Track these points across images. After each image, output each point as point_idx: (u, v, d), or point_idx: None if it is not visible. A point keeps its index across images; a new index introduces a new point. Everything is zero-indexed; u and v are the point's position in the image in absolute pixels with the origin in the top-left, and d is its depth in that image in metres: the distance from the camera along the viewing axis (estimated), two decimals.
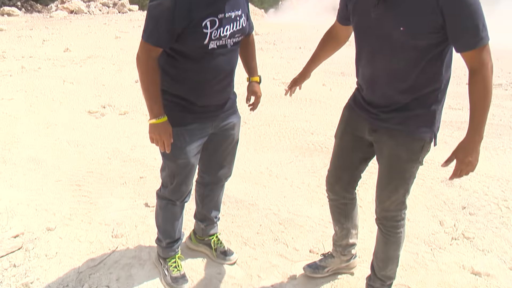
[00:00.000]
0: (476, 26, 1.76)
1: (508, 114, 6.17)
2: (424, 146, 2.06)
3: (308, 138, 5.00)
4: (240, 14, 2.22)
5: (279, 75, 8.44)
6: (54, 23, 18.03)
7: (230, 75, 2.33)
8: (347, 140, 2.33)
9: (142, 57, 2.11)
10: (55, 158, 4.44)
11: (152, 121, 2.16)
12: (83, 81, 7.69)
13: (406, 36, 1.85)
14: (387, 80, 2.00)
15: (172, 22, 2.02)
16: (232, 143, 2.56)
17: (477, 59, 1.82)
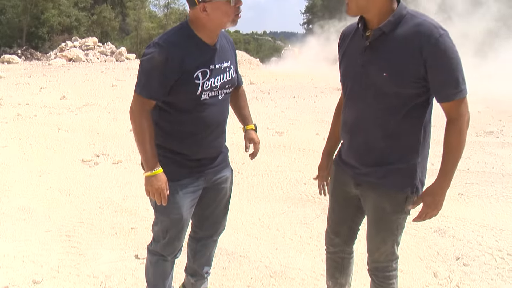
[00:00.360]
0: (456, 79, 1.85)
1: (500, 162, 6.24)
2: (408, 197, 2.07)
3: (301, 188, 5.01)
4: (229, 65, 2.30)
5: (273, 124, 8.55)
6: (52, 71, 18.34)
7: (223, 126, 2.37)
8: (338, 196, 2.35)
9: (135, 110, 2.14)
10: (46, 207, 4.41)
11: (148, 173, 2.16)
12: (78, 129, 7.75)
13: (389, 83, 1.91)
14: (369, 126, 2.03)
15: (165, 74, 2.08)
16: (225, 197, 2.55)
17: (455, 110, 1.90)
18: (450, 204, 4.57)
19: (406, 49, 1.87)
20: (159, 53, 2.08)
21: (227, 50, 2.31)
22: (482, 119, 9.52)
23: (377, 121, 2.01)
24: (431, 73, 1.85)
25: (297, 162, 6.07)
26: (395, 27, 1.90)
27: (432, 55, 1.82)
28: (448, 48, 1.83)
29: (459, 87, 1.86)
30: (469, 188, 5.09)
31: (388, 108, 1.97)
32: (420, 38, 1.84)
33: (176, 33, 2.18)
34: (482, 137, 7.93)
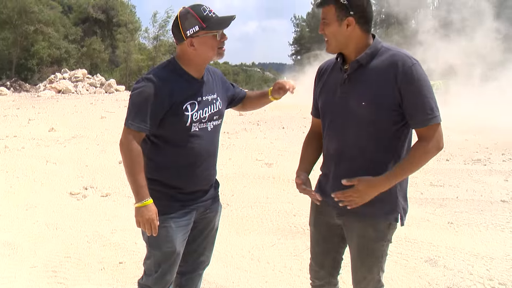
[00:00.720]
0: (430, 105, 1.96)
1: (488, 190, 6.29)
2: (391, 224, 2.12)
3: (291, 220, 5.00)
4: (215, 97, 2.37)
5: (262, 155, 8.57)
6: (41, 103, 18.33)
7: (213, 157, 2.42)
8: (320, 227, 2.36)
9: (125, 143, 2.18)
10: (32, 242, 4.33)
11: (138, 204, 2.18)
12: (66, 162, 7.71)
13: (368, 111, 2.01)
14: (352, 155, 2.09)
15: (155, 107, 2.15)
16: (213, 231, 2.56)
17: (429, 136, 1.99)
18: (440, 233, 4.58)
19: (382, 78, 2.00)
20: (148, 87, 2.17)
21: (212, 83, 2.39)
22: (470, 147, 9.66)
23: (360, 149, 2.08)
24: (406, 100, 1.96)
25: (287, 193, 6.06)
26: (371, 59, 2.05)
27: (406, 82, 1.95)
28: (421, 76, 1.96)
29: (432, 113, 1.96)
30: (459, 217, 5.11)
31: (369, 136, 2.05)
32: (395, 67, 1.98)
33: (164, 68, 2.28)
34: (470, 165, 8.02)
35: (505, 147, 9.62)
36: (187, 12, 2.18)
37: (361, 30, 2.06)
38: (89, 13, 36.90)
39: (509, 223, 4.91)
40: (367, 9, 2.05)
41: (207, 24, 2.16)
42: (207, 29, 2.17)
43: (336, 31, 2.06)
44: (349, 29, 2.04)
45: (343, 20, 2.03)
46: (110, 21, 37.36)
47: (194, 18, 2.16)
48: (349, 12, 2.02)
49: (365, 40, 2.08)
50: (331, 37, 2.09)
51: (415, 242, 4.27)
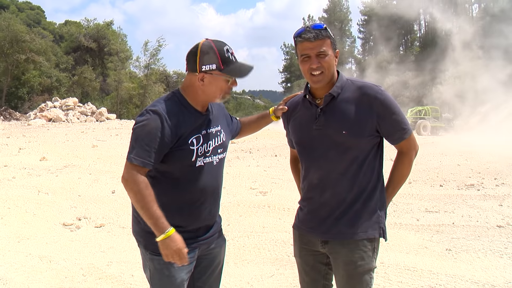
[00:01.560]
0: (403, 121, 2.21)
1: (484, 215, 6.30)
2: (375, 247, 2.22)
3: (289, 249, 4.93)
4: (219, 129, 2.31)
5: (256, 183, 8.54)
6: (32, 131, 18.22)
7: (217, 192, 2.33)
8: (306, 257, 2.35)
9: (129, 178, 2.07)
10: (25, 276, 4.21)
11: (161, 237, 2.05)
12: (58, 192, 7.61)
13: (349, 138, 2.15)
14: (336, 180, 2.19)
15: (160, 140, 2.06)
16: (218, 267, 2.45)
17: (407, 146, 2.25)
18: (438, 261, 4.55)
19: (358, 107, 2.16)
20: (153, 119, 2.08)
21: (215, 115, 2.34)
22: (462, 172, 9.72)
23: (343, 174, 2.18)
24: (383, 123, 2.17)
25: (283, 222, 6.02)
26: (341, 92, 2.20)
27: (381, 107, 2.15)
28: (390, 99, 2.19)
29: (406, 128, 2.21)
30: (456, 243, 5.10)
31: (351, 160, 2.17)
32: (368, 97, 2.16)
33: (168, 100, 2.19)
34: (463, 190, 8.06)
35: (497, 172, 9.71)
36: (210, 47, 2.12)
37: (336, 62, 2.23)
38: (80, 42, 37.24)
39: (507, 248, 4.90)
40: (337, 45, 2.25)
41: (225, 66, 2.12)
42: (223, 72, 2.12)
43: (332, 63, 2.18)
44: (336, 61, 2.22)
45: (334, 52, 2.20)
46: (101, 49, 37.69)
47: (215, 56, 2.11)
48: (335, 46, 2.21)
49: (335, 74, 2.25)
50: (329, 69, 2.16)
51: (414, 270, 4.24)
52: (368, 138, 2.17)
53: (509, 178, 9.02)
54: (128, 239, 5.22)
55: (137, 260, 4.47)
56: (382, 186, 2.26)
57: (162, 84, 37.39)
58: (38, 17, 57.54)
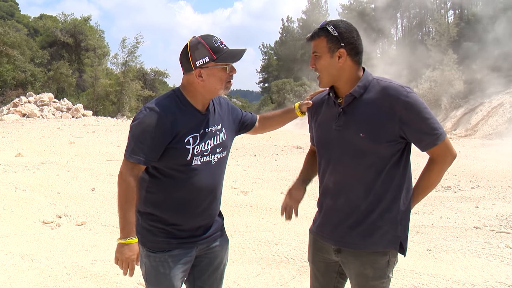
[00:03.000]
0: (432, 126, 2.01)
1: (461, 216, 6.47)
2: (389, 261, 2.09)
3: (273, 249, 4.97)
4: (220, 128, 2.28)
5: (237, 183, 8.55)
6: (5, 126, 17.77)
7: (216, 192, 2.30)
8: (318, 263, 2.32)
9: (124, 175, 2.09)
10: (6, 275, 4.10)
11: (121, 241, 2.09)
12: (36, 188, 7.46)
13: (367, 142, 2.01)
14: (351, 187, 2.08)
15: (156, 137, 2.06)
16: (220, 267, 2.42)
17: (439, 153, 2.06)
18: (420, 261, 4.66)
19: (379, 110, 2.01)
20: (149, 117, 2.08)
21: (218, 114, 2.31)
22: None
23: (359, 181, 2.07)
24: (408, 128, 1.99)
25: (266, 222, 6.05)
26: (364, 92, 2.07)
27: (405, 111, 1.98)
28: (417, 101, 2.00)
29: (437, 133, 2.01)
30: (436, 244, 5.22)
31: (368, 166, 2.05)
32: (391, 99, 2.00)
33: (167, 98, 2.18)
34: (441, 192, 8.23)
35: (472, 174, 9.95)
36: (197, 42, 2.11)
37: (352, 61, 2.07)
38: (56, 37, 36.50)
39: (484, 249, 5.04)
40: (357, 41, 2.07)
41: (218, 56, 2.10)
42: (217, 61, 2.10)
43: (328, 63, 2.06)
44: (341, 61, 2.05)
45: (334, 52, 2.04)
46: (78, 45, 37.04)
47: (205, 48, 2.10)
48: (340, 43, 2.03)
49: (355, 72, 2.09)
50: (323, 70, 2.09)
51: (397, 269, 4.31)
52: (389, 144, 2.02)
53: (484, 181, 9.27)
54: (111, 237, 5.16)
55: None
56: (406, 197, 2.10)
57: (140, 81, 36.97)
58: (11, 9, 56.15)
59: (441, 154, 2.06)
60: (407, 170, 2.10)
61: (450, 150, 2.07)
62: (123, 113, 33.12)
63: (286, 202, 2.37)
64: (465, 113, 27.37)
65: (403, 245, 2.10)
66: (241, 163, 11.27)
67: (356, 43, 2.07)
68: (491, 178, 9.54)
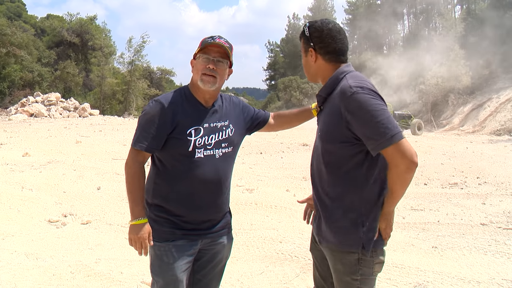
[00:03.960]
0: (377, 129, 1.90)
1: (468, 213, 6.41)
2: (360, 259, 2.05)
3: (277, 247, 4.96)
4: (227, 124, 2.36)
5: (242, 181, 8.54)
6: (13, 126, 17.90)
7: (222, 186, 2.34)
8: (315, 252, 2.36)
9: (129, 162, 2.26)
10: (11, 274, 4.13)
11: (133, 222, 2.22)
12: (43, 188, 7.50)
13: (323, 141, 2.10)
14: (317, 181, 2.17)
15: (158, 126, 2.21)
16: (220, 264, 2.49)
17: (389, 158, 1.95)
18: (425, 258, 4.62)
19: (332, 110, 2.05)
20: (153, 108, 2.25)
21: (226, 110, 2.40)
22: (446, 171, 9.87)
23: (320, 178, 2.14)
24: (354, 129, 1.96)
25: (270, 219, 6.04)
26: (332, 90, 2.10)
27: (349, 113, 1.96)
28: (361, 102, 1.93)
29: (383, 137, 1.90)
30: (442, 241, 5.18)
31: (326, 165, 2.10)
32: (339, 99, 2.01)
33: (174, 92, 2.34)
34: (447, 189, 8.18)
35: (479, 171, 9.88)
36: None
37: (324, 60, 2.13)
38: (63, 37, 36.68)
39: (491, 246, 5.00)
40: (327, 40, 2.10)
41: (201, 48, 2.27)
42: (199, 52, 2.27)
43: (305, 62, 2.20)
44: (312, 59, 2.14)
45: (307, 51, 2.16)
46: (84, 44, 37.20)
47: (199, 43, 2.29)
48: (310, 43, 2.13)
49: (331, 71, 2.13)
50: (304, 68, 2.24)
51: (402, 267, 4.30)
52: (342, 144, 2.01)
53: (491, 177, 9.19)
54: (115, 236, 5.18)
55: (126, 257, 4.46)
56: (373, 198, 2.05)
57: (146, 80, 37.09)
58: (19, 10, 56.48)
59: (391, 159, 1.94)
60: (373, 173, 2.03)
61: (402, 155, 1.91)
62: (130, 112, 33.26)
63: (308, 205, 2.46)
64: (473, 109, 27.19)
65: (365, 247, 2.04)
66: (247, 161, 11.26)
67: (325, 42, 2.11)
68: (498, 174, 9.47)
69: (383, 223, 2.08)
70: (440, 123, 28.60)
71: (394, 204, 2.06)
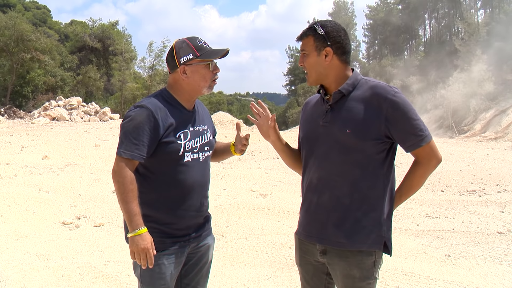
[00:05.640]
0: (417, 127, 2.03)
1: (484, 221, 6.26)
2: (375, 261, 2.08)
3: (286, 252, 4.93)
4: (206, 128, 2.38)
5: (257, 186, 8.52)
6: (35, 130, 18.25)
7: (205, 189, 2.38)
8: (306, 266, 2.28)
9: (117, 171, 2.13)
10: (22, 274, 4.21)
11: (132, 234, 2.10)
12: (59, 190, 7.62)
13: (352, 138, 2.03)
14: (335, 183, 2.09)
15: (147, 133, 2.12)
16: (206, 265, 2.49)
17: (423, 156, 2.07)
18: (437, 266, 4.53)
19: (366, 108, 2.05)
20: (140, 114, 2.15)
21: (202, 114, 2.41)
22: (464, 178, 9.67)
23: (343, 177, 2.08)
24: (393, 127, 2.02)
25: (282, 225, 6.00)
26: (352, 90, 2.11)
27: (391, 110, 2.01)
28: (404, 102, 2.03)
29: (422, 134, 2.03)
30: (456, 249, 5.07)
31: (352, 163, 2.06)
32: (378, 97, 2.04)
33: (156, 96, 2.27)
34: (465, 196, 8.02)
35: (499, 178, 9.65)
36: (182, 42, 2.25)
37: (339, 60, 2.12)
38: (85, 42, 37.32)
39: (507, 255, 4.87)
40: (344, 40, 2.11)
41: (201, 53, 2.21)
42: (200, 58, 2.20)
43: (315, 61, 2.12)
44: (327, 59, 2.10)
45: (321, 50, 2.10)
46: (106, 49, 37.77)
47: (189, 47, 2.22)
48: (327, 42, 2.09)
49: (344, 71, 2.14)
50: (310, 68, 2.14)
51: (412, 275, 4.22)
52: (374, 142, 2.03)
53: (511, 185, 8.97)
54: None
55: None
56: (390, 198, 2.11)
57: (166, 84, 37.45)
58: (44, 16, 57.74)
59: (425, 156, 2.07)
60: (391, 171, 2.11)
61: (435, 153, 2.08)
62: None
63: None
64: (495, 115, 26.65)
65: (387, 245, 2.09)
66: (262, 166, 11.25)
67: (343, 42, 2.11)
68: None
69: None
70: (461, 129, 28.12)
71: (404, 201, 2.18)
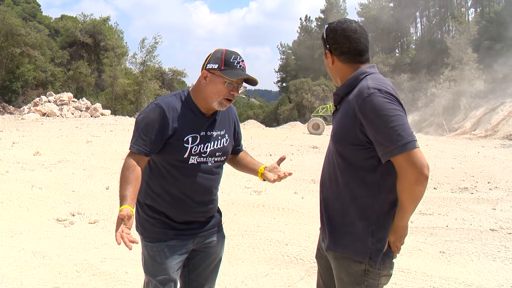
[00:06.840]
0: (388, 136, 1.81)
1: (477, 218, 6.33)
2: (367, 270, 1.98)
3: (283, 249, 4.94)
4: (223, 134, 2.37)
5: (251, 183, 8.52)
6: (26, 125, 18.11)
7: (211, 192, 2.38)
8: (320, 260, 2.31)
9: (125, 161, 2.22)
10: (18, 272, 4.17)
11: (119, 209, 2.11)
12: (52, 187, 7.56)
13: (335, 143, 2.04)
14: (326, 184, 2.12)
15: (157, 130, 2.19)
16: (214, 262, 2.51)
17: (397, 167, 1.86)
18: (432, 263, 4.57)
19: (347, 111, 1.97)
20: (153, 111, 2.24)
21: (223, 120, 2.39)
22: (456, 175, 9.77)
23: (331, 180, 2.08)
24: (367, 132, 1.88)
25: (277, 221, 6.02)
26: (350, 91, 2.02)
27: (361, 115, 1.88)
28: (376, 106, 1.84)
29: (392, 145, 1.81)
30: (450, 246, 5.12)
31: (340, 167, 2.03)
32: (355, 100, 1.92)
33: (174, 96, 2.32)
34: (457, 194, 8.10)
35: (490, 175, 9.77)
36: (220, 52, 2.26)
37: (340, 61, 2.07)
38: (76, 37, 37.04)
39: (500, 252, 4.93)
40: (339, 40, 2.04)
41: (226, 68, 2.21)
42: (221, 72, 2.21)
43: (326, 65, 2.17)
44: (330, 61, 2.10)
45: (325, 53, 2.13)
46: (97, 45, 37.54)
47: (220, 58, 2.23)
48: (326, 45, 2.11)
49: (348, 72, 2.06)
50: (327, 70, 2.18)
51: (408, 272, 4.25)
52: (354, 147, 1.93)
53: (503, 182, 9.08)
54: None
55: (131, 257, 4.46)
56: (386, 208, 1.96)
57: (158, 81, 37.29)
58: (33, 10, 57.18)
59: (400, 169, 1.84)
60: (388, 180, 1.93)
61: (412, 166, 1.81)
62: None
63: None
64: (485, 113, 26.91)
65: (373, 259, 1.96)
66: None
67: (339, 42, 2.05)
68: (510, 180, 9.36)
69: (393, 236, 1.99)
70: (451, 127, 28.34)
71: (404, 218, 1.96)
